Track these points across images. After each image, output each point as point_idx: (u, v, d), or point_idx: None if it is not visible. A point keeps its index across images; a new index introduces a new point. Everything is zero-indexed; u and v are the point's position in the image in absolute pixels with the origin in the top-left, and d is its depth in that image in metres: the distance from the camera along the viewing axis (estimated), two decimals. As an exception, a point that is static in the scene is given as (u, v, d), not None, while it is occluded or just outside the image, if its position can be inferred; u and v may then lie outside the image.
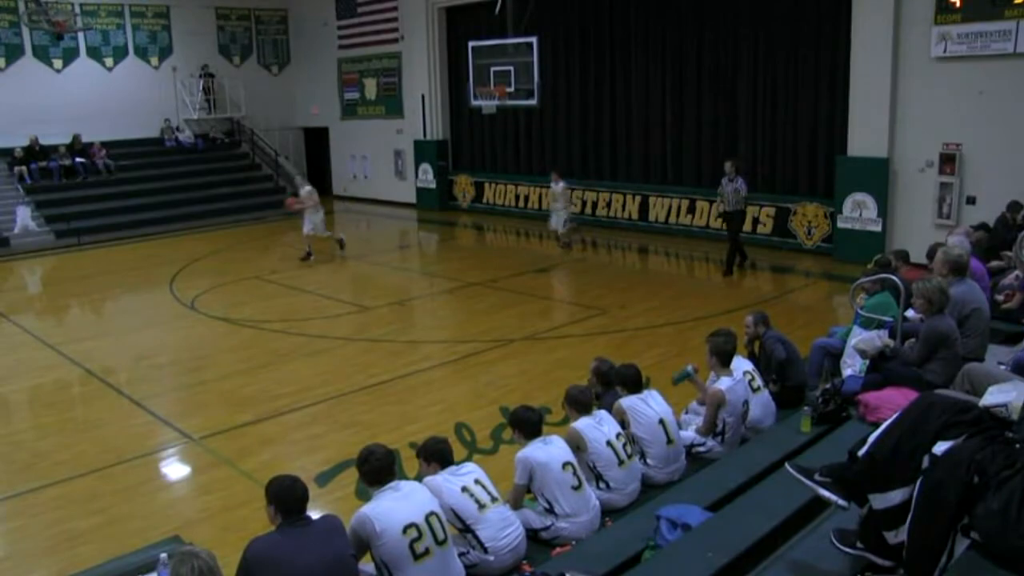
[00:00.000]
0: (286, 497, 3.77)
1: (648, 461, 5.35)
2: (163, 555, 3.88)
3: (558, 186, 15.82)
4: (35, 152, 20.43)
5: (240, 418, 8.24)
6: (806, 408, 5.71)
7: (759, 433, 5.93)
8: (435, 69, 21.13)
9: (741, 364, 6.02)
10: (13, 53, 20.96)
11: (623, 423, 5.33)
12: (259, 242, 18.51)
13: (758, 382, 6.11)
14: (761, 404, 6.03)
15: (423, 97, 21.32)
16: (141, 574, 4.05)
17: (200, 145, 23.33)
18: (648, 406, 5.42)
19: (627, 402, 5.44)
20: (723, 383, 5.72)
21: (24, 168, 20.06)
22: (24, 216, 18.77)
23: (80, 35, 21.70)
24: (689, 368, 6.17)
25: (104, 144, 21.44)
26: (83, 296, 14.43)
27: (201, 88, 23.46)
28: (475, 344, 10.26)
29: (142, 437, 8.05)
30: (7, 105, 20.26)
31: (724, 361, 5.84)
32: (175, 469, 7.54)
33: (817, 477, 3.53)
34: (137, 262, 16.68)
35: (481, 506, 4.39)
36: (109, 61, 22.47)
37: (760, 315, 6.78)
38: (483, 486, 4.48)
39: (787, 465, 3.74)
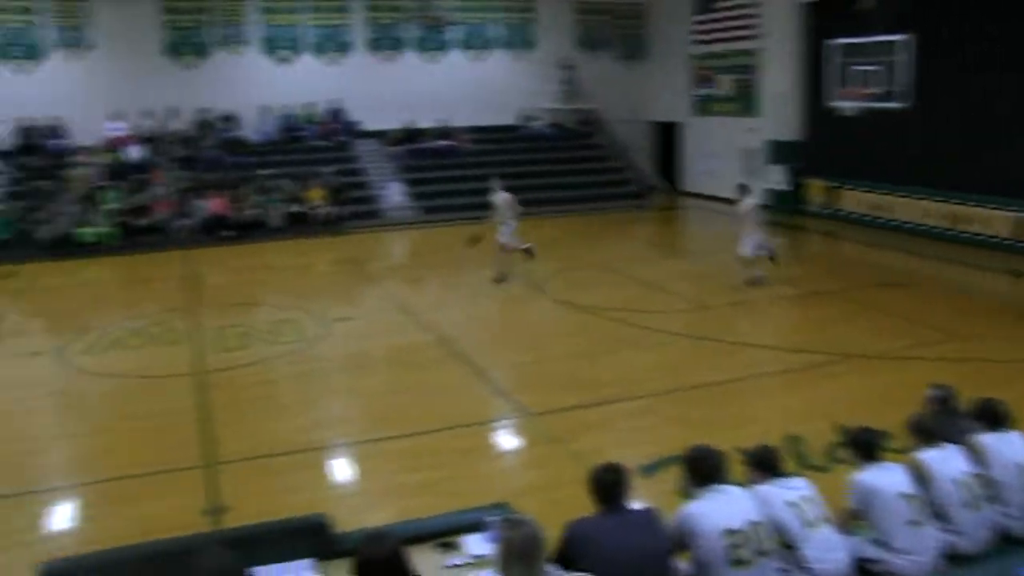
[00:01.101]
0: (604, 484, 3.89)
1: (1006, 508, 4.77)
2: (492, 518, 4.05)
3: None
4: (409, 134, 22.71)
5: (572, 400, 8.50)
6: None
7: None
8: (794, 67, 20.38)
9: None
10: (398, 46, 23.50)
11: (977, 461, 4.81)
12: (604, 231, 19.02)
13: None
14: None
15: (779, 96, 20.63)
16: (469, 532, 4.28)
17: (554, 134, 24.34)
18: (1009, 446, 4.85)
19: (983, 439, 4.90)
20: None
21: (399, 148, 22.39)
22: (396, 191, 20.92)
23: (453, 28, 23.65)
24: None
25: (468, 129, 23.19)
26: (440, 268, 15.73)
27: (559, 79, 24.49)
28: (813, 355, 9.81)
29: (480, 405, 8.66)
30: (390, 91, 22.70)
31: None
32: (507, 440, 7.99)
33: None
34: (490, 239, 17.78)
35: (808, 524, 4.18)
36: (477, 52, 24.27)
37: None
38: (812, 503, 4.27)
39: None
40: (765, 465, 4.45)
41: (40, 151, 20.28)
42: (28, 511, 6.72)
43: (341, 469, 7.43)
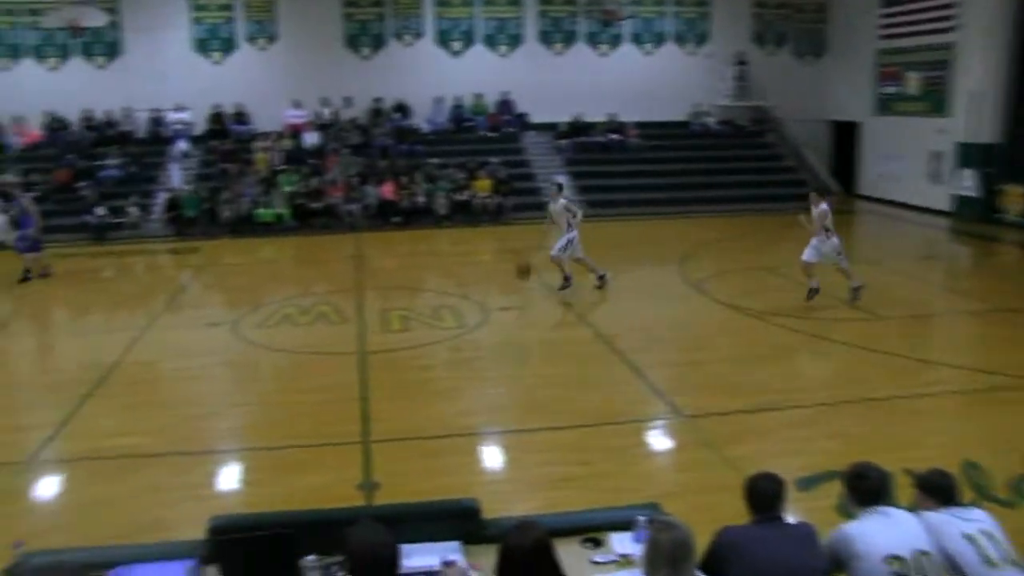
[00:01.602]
0: (762, 493, 3.76)
1: None
2: (641, 518, 4.01)
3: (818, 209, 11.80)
4: (577, 128, 22.65)
5: (729, 405, 8.26)
6: None
7: None
8: (996, 62, 19.01)
9: None
10: (570, 39, 23.48)
11: None
12: (771, 234, 18.38)
13: None
14: None
15: (976, 94, 19.27)
16: (617, 530, 4.21)
17: (724, 131, 23.76)
18: None
19: None
20: None
21: (566, 142, 22.37)
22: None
23: (626, 22, 23.38)
24: None
25: (636, 124, 22.92)
26: (600, 262, 15.61)
27: (732, 75, 23.84)
28: (1001, 377, 9.05)
29: (634, 403, 8.50)
30: (559, 84, 22.73)
31: None
32: (659, 440, 7.82)
33: None
34: (651, 237, 17.61)
35: (989, 563, 3.72)
36: (649, 47, 24.00)
37: None
38: (995, 540, 3.81)
39: None
40: (939, 491, 4.07)
41: (226, 136, 21.56)
42: (202, 469, 7.21)
43: (492, 456, 7.49)
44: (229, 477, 7.18)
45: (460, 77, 23.03)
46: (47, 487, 7.06)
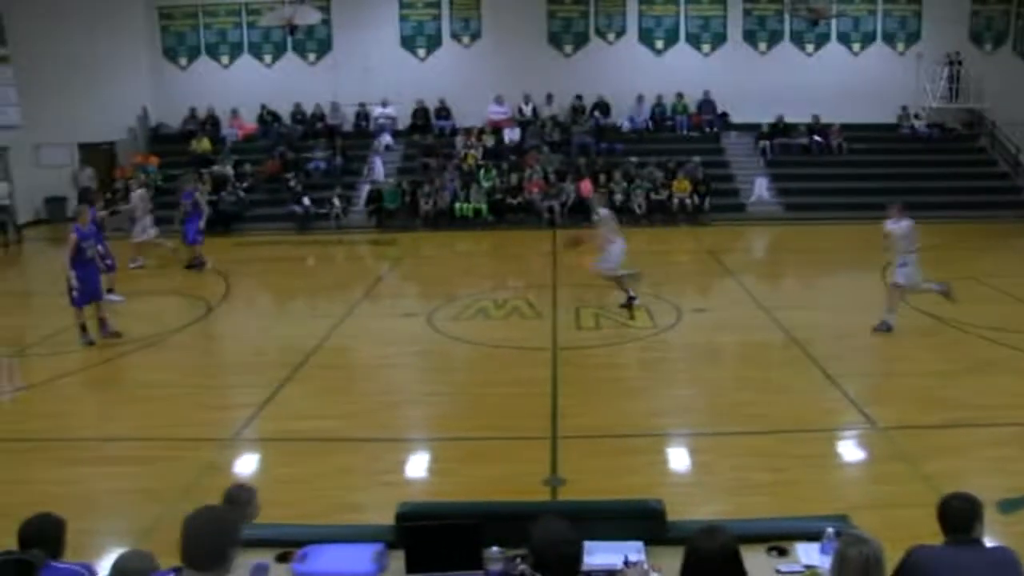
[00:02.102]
0: (957, 513, 3.60)
1: None
2: (830, 529, 3.89)
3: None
4: (778, 129, 22.10)
5: (927, 419, 7.98)
6: None
7: None
8: None
9: None
10: (774, 38, 22.90)
11: None
12: (982, 242, 16.98)
13: None
14: None
15: None
16: (804, 540, 4.09)
17: (933, 135, 22.46)
18: None
19: None
20: None
21: (767, 143, 21.88)
22: (761, 186, 20.42)
23: (833, 21, 22.53)
24: None
25: (841, 126, 22.03)
26: (798, 267, 14.98)
27: (945, 75, 22.37)
28: None
29: (828, 412, 8.32)
30: (762, 84, 22.22)
31: None
32: (852, 451, 7.62)
33: None
34: (852, 242, 16.68)
35: None
36: (856, 46, 23.07)
37: None
38: None
39: None
40: None
41: (429, 131, 22.27)
42: (392, 456, 7.51)
43: (679, 458, 7.50)
44: (417, 465, 7.43)
45: (661, 75, 22.93)
46: (246, 463, 7.54)
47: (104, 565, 3.83)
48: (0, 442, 7.90)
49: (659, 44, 23.11)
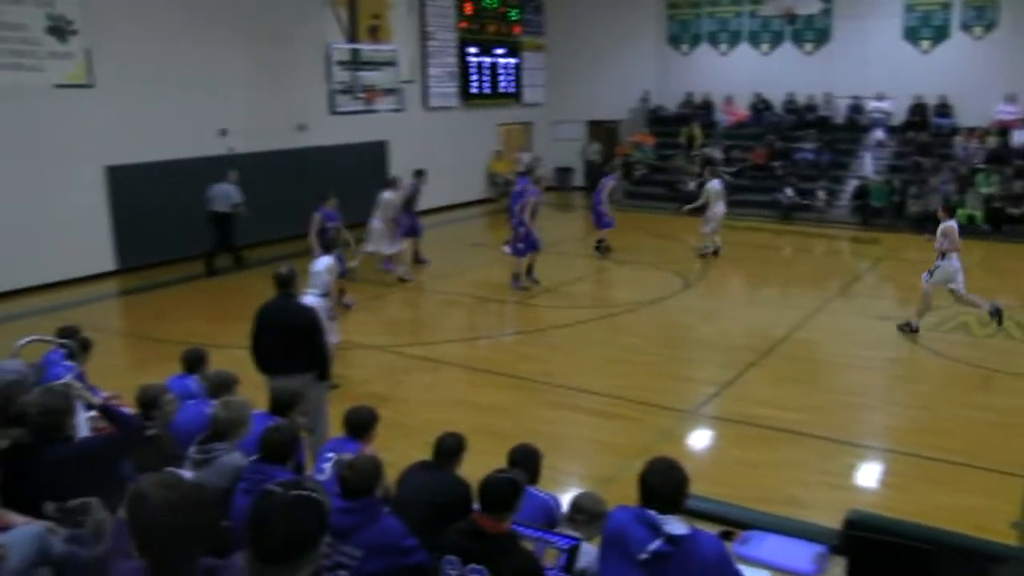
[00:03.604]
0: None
1: None
2: None
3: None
4: None
5: None
6: None
7: None
8: None
9: None
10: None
11: None
12: None
13: None
14: None
15: None
16: None
17: None
18: None
19: None
20: None
21: None
22: None
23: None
24: None
25: None
26: None
27: None
28: None
29: None
30: None
31: None
32: None
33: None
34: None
35: None
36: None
37: None
38: None
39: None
40: None
41: (925, 128, 20.78)
42: (844, 459, 7.39)
43: None
44: (869, 473, 7.23)
45: None
46: (701, 438, 7.93)
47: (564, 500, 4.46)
48: (500, 376, 9.31)
49: None
